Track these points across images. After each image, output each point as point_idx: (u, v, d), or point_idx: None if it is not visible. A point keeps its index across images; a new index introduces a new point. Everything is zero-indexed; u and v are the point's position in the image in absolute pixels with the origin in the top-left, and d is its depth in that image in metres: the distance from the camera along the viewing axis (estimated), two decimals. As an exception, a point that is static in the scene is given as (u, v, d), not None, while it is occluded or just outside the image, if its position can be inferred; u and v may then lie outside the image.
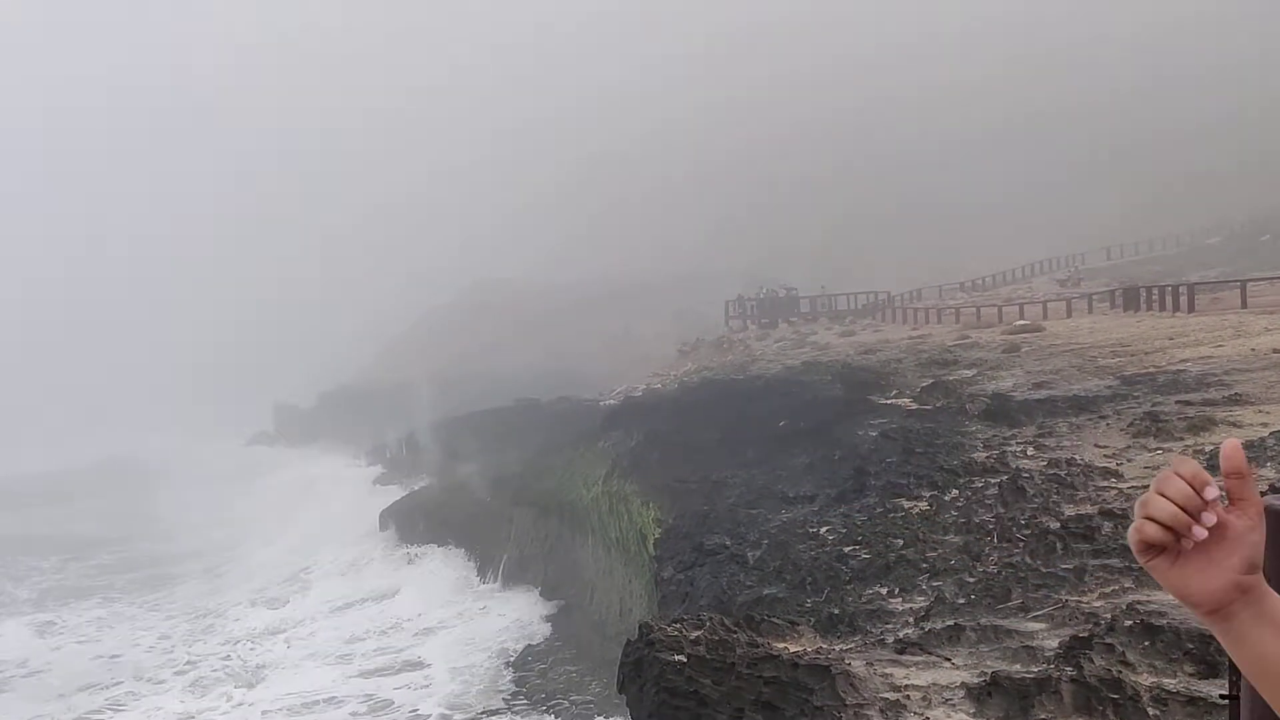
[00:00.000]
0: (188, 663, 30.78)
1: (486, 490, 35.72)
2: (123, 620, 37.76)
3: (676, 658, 7.37)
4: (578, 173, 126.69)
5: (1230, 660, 1.53)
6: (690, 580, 13.19)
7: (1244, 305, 29.75)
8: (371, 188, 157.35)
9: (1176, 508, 1.42)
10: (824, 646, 7.96)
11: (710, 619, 7.89)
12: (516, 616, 29.01)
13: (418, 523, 38.67)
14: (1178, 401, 15.60)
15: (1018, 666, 6.99)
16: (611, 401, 40.88)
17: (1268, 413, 13.91)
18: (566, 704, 22.19)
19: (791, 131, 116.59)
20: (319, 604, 37.49)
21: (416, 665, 29.07)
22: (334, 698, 25.47)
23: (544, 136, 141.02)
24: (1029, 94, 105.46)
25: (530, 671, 24.89)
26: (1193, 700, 5.94)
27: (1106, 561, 9.09)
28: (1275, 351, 19.31)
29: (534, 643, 26.88)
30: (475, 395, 56.30)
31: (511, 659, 26.19)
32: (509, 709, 22.89)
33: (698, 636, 7.59)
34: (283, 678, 28.06)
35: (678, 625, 7.86)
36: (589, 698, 22.06)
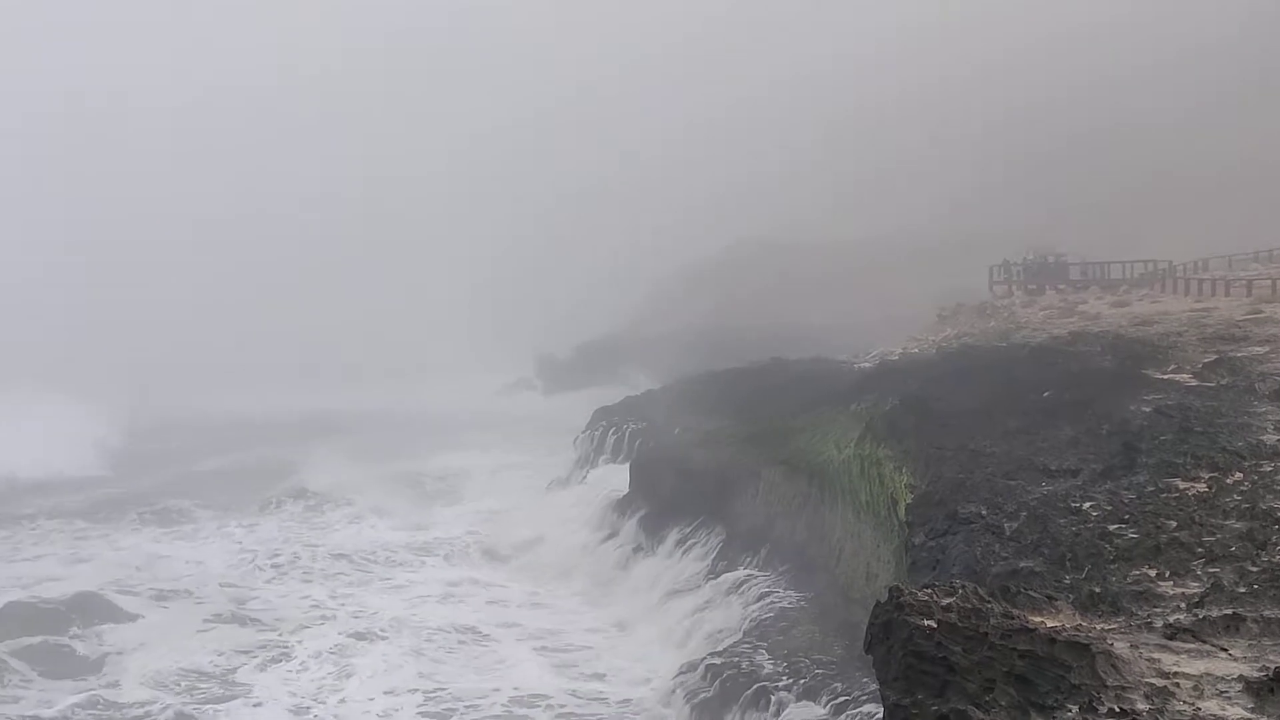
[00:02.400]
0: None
1: (736, 445, 35.90)
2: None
3: (926, 623, 7.24)
4: (841, 131, 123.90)
5: None
6: (942, 548, 12.91)
7: None
8: (628, 139, 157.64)
9: None
10: (1083, 624, 7.63)
11: (963, 587, 7.70)
12: (762, 573, 29.16)
13: (665, 475, 39.34)
14: None
15: (1305, 664, 6.48)
16: (866, 364, 40.23)
17: None
18: (807, 662, 22.22)
19: (1060, 91, 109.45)
20: (554, 577, 38.38)
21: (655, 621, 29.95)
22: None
23: (803, 94, 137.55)
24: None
25: (772, 629, 25.03)
26: None
27: None
28: None
29: (778, 602, 26.98)
30: (729, 351, 56.44)
31: (755, 615, 26.40)
32: (750, 663, 23.13)
33: (949, 604, 7.43)
34: (494, 657, 29.42)
35: (929, 591, 7.71)
36: (831, 658, 22.02)
